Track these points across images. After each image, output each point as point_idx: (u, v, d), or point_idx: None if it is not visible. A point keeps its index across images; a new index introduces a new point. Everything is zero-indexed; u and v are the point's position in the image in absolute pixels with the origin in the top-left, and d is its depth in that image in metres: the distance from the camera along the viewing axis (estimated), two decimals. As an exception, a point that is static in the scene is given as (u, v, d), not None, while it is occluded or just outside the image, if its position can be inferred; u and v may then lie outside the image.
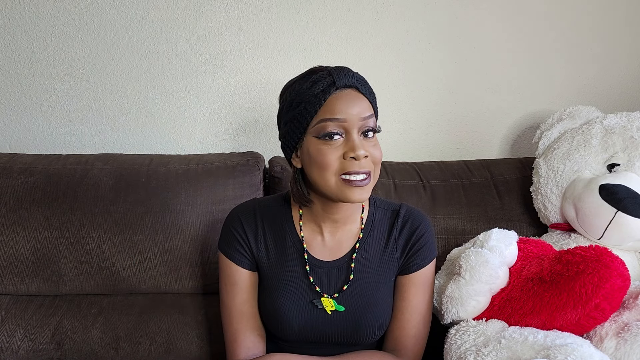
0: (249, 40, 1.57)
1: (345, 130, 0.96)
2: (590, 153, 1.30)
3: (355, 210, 1.08)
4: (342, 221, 1.07)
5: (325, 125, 0.95)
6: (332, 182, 0.96)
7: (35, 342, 1.25)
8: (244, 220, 1.09)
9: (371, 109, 0.99)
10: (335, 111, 0.95)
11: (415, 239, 1.08)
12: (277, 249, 1.08)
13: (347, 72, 0.99)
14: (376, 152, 0.98)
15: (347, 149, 0.95)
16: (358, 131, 0.96)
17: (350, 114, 0.95)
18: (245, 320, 1.08)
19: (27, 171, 1.37)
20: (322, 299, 1.05)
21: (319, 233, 1.08)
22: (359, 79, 1.00)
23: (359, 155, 0.94)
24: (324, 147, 0.95)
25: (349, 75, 0.98)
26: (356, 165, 0.95)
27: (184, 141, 1.62)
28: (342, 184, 0.95)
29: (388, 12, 1.58)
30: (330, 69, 1.00)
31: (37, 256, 1.31)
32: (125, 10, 1.54)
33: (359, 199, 0.96)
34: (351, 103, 0.96)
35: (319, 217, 1.06)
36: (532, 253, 1.16)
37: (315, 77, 0.98)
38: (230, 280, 1.09)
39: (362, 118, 0.96)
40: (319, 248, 1.08)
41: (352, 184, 0.95)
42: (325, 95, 0.96)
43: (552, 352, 0.90)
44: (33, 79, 1.57)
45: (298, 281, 1.06)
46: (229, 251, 1.09)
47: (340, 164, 0.95)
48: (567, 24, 1.62)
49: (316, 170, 0.97)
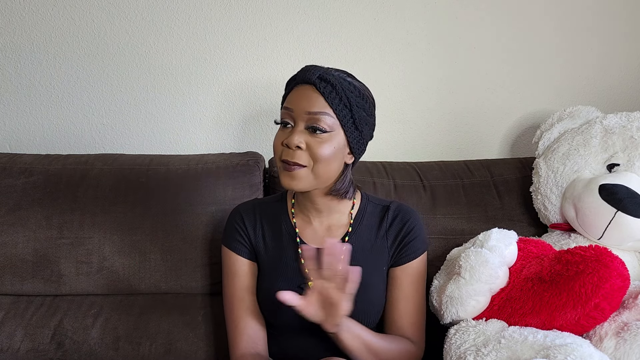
0: (249, 40, 1.57)
1: (294, 120, 1.04)
2: (590, 153, 1.30)
3: (337, 203, 1.13)
4: (325, 211, 1.13)
5: (282, 112, 1.07)
6: (278, 164, 1.06)
7: (35, 342, 1.25)
8: (244, 214, 1.17)
9: (326, 108, 1.03)
10: (289, 101, 1.06)
11: (405, 231, 1.14)
12: (273, 238, 1.16)
13: (311, 70, 1.05)
14: (318, 149, 1.02)
15: (284, 137, 1.04)
16: (304, 124, 1.03)
17: (298, 106, 1.03)
18: (245, 307, 1.13)
19: (27, 171, 1.37)
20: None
21: (309, 222, 1.15)
22: (323, 78, 1.03)
23: (289, 143, 1.02)
24: (278, 132, 1.07)
25: (310, 73, 1.04)
26: (289, 155, 1.02)
27: (184, 141, 1.62)
28: (281, 168, 1.05)
29: (388, 12, 1.58)
30: (304, 67, 1.08)
31: (37, 256, 1.31)
32: (125, 10, 1.54)
33: (290, 185, 1.04)
34: (302, 97, 1.04)
35: (305, 208, 1.14)
36: (532, 253, 1.16)
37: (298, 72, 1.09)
38: (231, 270, 1.15)
39: (309, 112, 1.02)
40: (311, 235, 1.14)
41: (285, 169, 1.04)
42: (289, 87, 1.08)
43: (552, 352, 0.90)
44: (33, 79, 1.57)
45: (290, 266, 1.13)
46: (230, 242, 1.16)
47: (281, 150, 1.05)
48: (566, 24, 1.62)
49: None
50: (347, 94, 1.04)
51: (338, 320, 0.97)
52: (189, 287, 1.34)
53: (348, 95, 1.04)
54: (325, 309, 0.97)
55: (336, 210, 1.14)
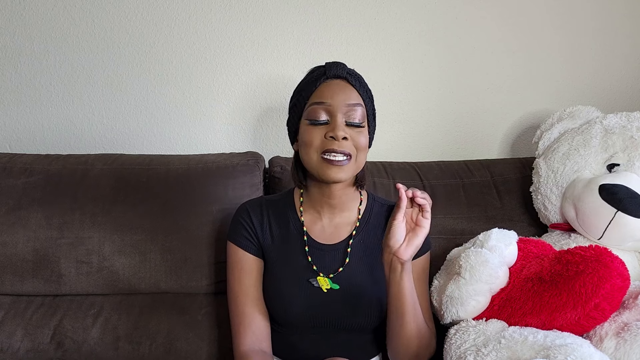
0: (250, 40, 1.57)
1: (331, 114, 1.06)
2: (590, 153, 1.30)
3: (352, 198, 1.17)
4: (339, 207, 1.15)
5: (313, 108, 1.07)
6: (314, 159, 1.06)
7: (35, 342, 1.25)
8: (251, 211, 1.18)
9: (360, 100, 1.09)
10: (323, 96, 1.07)
11: None
12: (281, 234, 1.16)
13: (339, 66, 1.10)
14: (360, 139, 1.07)
15: (329, 130, 1.05)
16: (343, 116, 1.06)
17: (336, 99, 1.06)
18: (250, 302, 1.13)
19: (27, 171, 1.38)
20: (317, 277, 1.12)
21: (319, 218, 1.17)
22: (351, 73, 1.10)
23: (337, 135, 1.04)
24: (311, 127, 1.07)
25: (340, 68, 1.09)
26: (335, 145, 1.04)
27: (184, 141, 1.62)
28: (322, 162, 1.06)
29: (388, 12, 1.58)
30: (327, 63, 1.12)
31: (37, 256, 1.31)
32: (125, 10, 1.54)
33: (335, 178, 1.05)
34: (338, 90, 1.07)
35: (317, 203, 1.16)
36: (532, 253, 1.16)
37: (313, 70, 1.13)
38: (238, 266, 1.15)
39: (347, 105, 1.06)
40: (319, 232, 1.16)
41: (330, 163, 1.05)
42: (316, 82, 1.09)
43: (552, 352, 0.90)
44: (33, 79, 1.57)
45: (298, 261, 1.14)
46: (237, 238, 1.16)
47: (322, 143, 1.05)
48: (566, 24, 1.62)
49: (303, 149, 1.08)
50: (367, 88, 1.13)
51: (418, 242, 1.02)
52: (189, 286, 1.34)
53: (368, 89, 1.13)
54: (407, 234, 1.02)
55: (347, 207, 1.17)
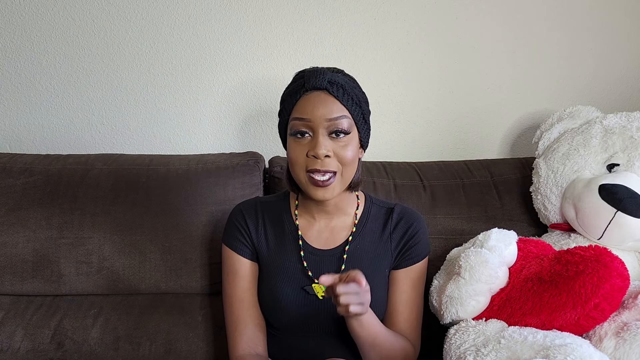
0: (249, 40, 1.57)
1: (312, 129, 1.01)
2: (590, 153, 1.30)
3: (347, 204, 1.14)
4: (333, 213, 1.13)
5: (294, 124, 1.02)
6: (301, 177, 1.03)
7: (35, 342, 1.25)
8: (246, 213, 1.15)
9: (343, 112, 1.02)
10: (302, 111, 1.01)
11: (410, 235, 1.13)
12: (276, 238, 1.14)
13: (319, 75, 1.02)
14: (345, 153, 1.02)
15: (310, 147, 1.01)
16: (326, 131, 1.01)
17: (316, 114, 1.00)
18: (245, 308, 1.12)
19: (27, 171, 1.38)
20: (312, 284, 1.10)
21: (314, 223, 1.14)
22: (333, 82, 1.02)
23: (318, 154, 0.99)
24: (294, 144, 1.03)
25: (319, 78, 1.02)
26: (318, 164, 1.00)
27: (184, 141, 1.62)
28: (308, 182, 1.02)
29: (388, 12, 1.58)
30: (306, 71, 1.05)
31: (37, 256, 1.31)
32: (125, 10, 1.54)
33: (322, 198, 1.03)
34: (318, 104, 1.01)
35: (312, 209, 1.13)
36: (532, 253, 1.16)
37: (295, 79, 1.07)
38: (232, 270, 1.13)
39: (328, 119, 1.00)
40: (314, 237, 1.13)
41: (315, 183, 1.01)
42: (296, 96, 1.03)
43: (552, 352, 0.90)
44: (33, 79, 1.57)
45: (293, 267, 1.12)
46: (232, 242, 1.14)
47: (306, 161, 1.02)
48: (566, 24, 1.62)
49: (290, 165, 1.05)
50: (354, 91, 1.05)
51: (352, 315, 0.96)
52: (189, 287, 1.34)
53: (355, 92, 1.05)
54: None
55: (343, 212, 1.13)
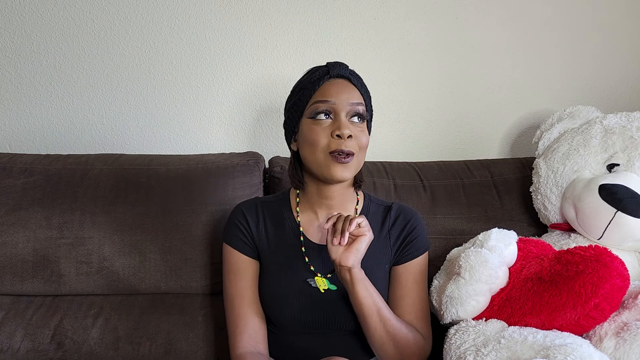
0: (249, 40, 1.57)
1: (335, 112, 1.08)
2: (590, 153, 1.30)
3: (349, 199, 1.17)
4: (336, 207, 1.15)
5: (317, 106, 1.08)
6: (320, 158, 1.07)
7: (35, 343, 1.25)
8: (247, 212, 1.17)
9: (361, 99, 1.11)
10: (327, 95, 1.08)
11: (408, 230, 1.17)
12: (276, 235, 1.16)
13: (342, 66, 1.12)
14: (362, 137, 1.09)
15: (334, 128, 1.06)
16: (346, 115, 1.08)
17: (340, 98, 1.08)
18: (246, 305, 1.13)
19: (27, 171, 1.38)
20: (315, 277, 1.11)
21: (315, 219, 1.16)
22: (353, 74, 1.13)
23: (343, 133, 1.04)
24: (315, 126, 1.07)
25: (342, 68, 1.11)
26: (342, 144, 1.05)
27: (184, 141, 1.62)
28: (329, 160, 1.06)
29: (388, 12, 1.58)
30: (328, 63, 1.13)
31: (37, 256, 1.31)
32: (125, 10, 1.54)
33: (340, 177, 1.06)
34: (342, 89, 1.09)
35: (314, 203, 1.16)
36: (532, 253, 1.16)
37: (314, 69, 1.13)
38: (233, 268, 1.15)
39: (351, 103, 1.08)
40: (315, 232, 1.16)
41: (338, 160, 1.05)
42: (319, 81, 1.09)
43: (552, 352, 0.90)
44: (33, 79, 1.57)
45: (295, 261, 1.14)
46: (233, 240, 1.16)
47: (328, 142, 1.06)
48: (566, 24, 1.62)
49: (307, 148, 1.08)
50: (367, 89, 1.15)
51: (359, 247, 1.00)
52: (189, 287, 1.34)
53: (367, 90, 1.15)
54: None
55: (344, 208, 1.16)
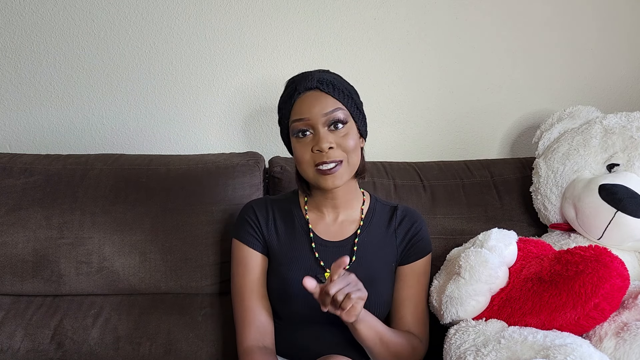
0: (249, 40, 1.57)
1: (312, 127, 1.09)
2: (590, 153, 1.30)
3: (354, 197, 1.20)
4: (342, 206, 1.18)
5: (294, 125, 1.10)
6: (310, 173, 1.10)
7: (35, 343, 1.25)
8: (257, 209, 1.20)
9: (337, 104, 1.10)
10: (300, 112, 1.09)
11: (414, 232, 1.19)
12: (286, 232, 1.18)
13: (308, 77, 1.11)
14: (346, 142, 1.09)
15: (314, 143, 1.08)
16: (325, 126, 1.09)
17: (312, 112, 1.08)
18: (255, 298, 1.15)
19: (27, 171, 1.38)
20: (325, 273, 1.14)
21: (323, 217, 1.19)
22: (322, 80, 1.11)
23: (322, 147, 1.07)
24: (298, 144, 1.10)
25: (309, 80, 1.11)
26: (324, 157, 1.07)
27: (184, 141, 1.62)
28: (317, 174, 1.09)
29: (388, 12, 1.58)
30: (295, 77, 1.14)
31: (37, 256, 1.31)
32: (125, 10, 1.54)
33: (332, 185, 1.09)
34: (313, 102, 1.09)
35: (320, 204, 1.18)
36: (532, 253, 1.16)
37: (288, 84, 1.15)
38: (243, 262, 1.17)
39: (324, 114, 1.08)
40: (324, 230, 1.18)
41: (323, 173, 1.08)
42: (291, 100, 1.11)
43: (552, 352, 0.90)
44: (33, 79, 1.57)
45: (305, 257, 1.16)
46: (243, 235, 1.18)
47: (312, 157, 1.09)
48: (566, 24, 1.62)
49: (297, 165, 1.13)
50: (343, 85, 1.13)
51: (356, 312, 0.98)
52: (189, 287, 1.34)
53: (344, 86, 1.13)
54: None
55: (350, 206, 1.19)
